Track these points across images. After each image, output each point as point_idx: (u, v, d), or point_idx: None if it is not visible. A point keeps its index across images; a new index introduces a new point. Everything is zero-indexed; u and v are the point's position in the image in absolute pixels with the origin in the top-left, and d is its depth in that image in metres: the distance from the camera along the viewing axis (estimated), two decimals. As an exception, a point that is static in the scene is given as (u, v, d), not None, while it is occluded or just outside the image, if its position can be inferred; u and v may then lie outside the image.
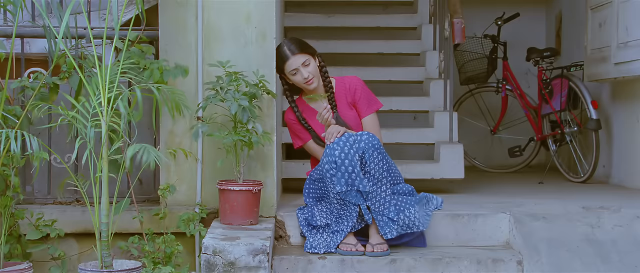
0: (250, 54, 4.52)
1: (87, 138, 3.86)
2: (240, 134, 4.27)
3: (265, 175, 4.55)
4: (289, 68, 4.49)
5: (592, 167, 6.26)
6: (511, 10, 7.42)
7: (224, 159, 4.36)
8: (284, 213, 4.56)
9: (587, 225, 4.47)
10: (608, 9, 5.99)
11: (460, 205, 4.85)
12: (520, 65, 7.76)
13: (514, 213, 4.56)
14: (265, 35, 4.53)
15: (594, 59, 6.29)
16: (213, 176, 4.53)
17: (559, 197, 5.40)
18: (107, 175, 3.87)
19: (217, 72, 4.41)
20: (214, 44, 4.53)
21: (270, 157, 4.55)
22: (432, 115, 6.06)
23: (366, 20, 7.33)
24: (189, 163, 4.55)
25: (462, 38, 5.73)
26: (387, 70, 6.78)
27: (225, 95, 4.29)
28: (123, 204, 4.19)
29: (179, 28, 4.53)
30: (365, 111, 4.62)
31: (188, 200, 4.58)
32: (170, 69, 4.34)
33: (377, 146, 4.30)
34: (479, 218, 4.56)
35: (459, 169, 5.64)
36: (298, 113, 4.63)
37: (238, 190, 4.31)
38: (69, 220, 4.52)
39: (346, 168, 4.19)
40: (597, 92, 6.66)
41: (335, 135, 4.33)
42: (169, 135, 4.57)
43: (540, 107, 6.94)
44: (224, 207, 4.35)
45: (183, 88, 4.46)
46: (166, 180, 4.56)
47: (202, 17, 4.52)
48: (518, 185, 6.32)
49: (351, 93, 4.61)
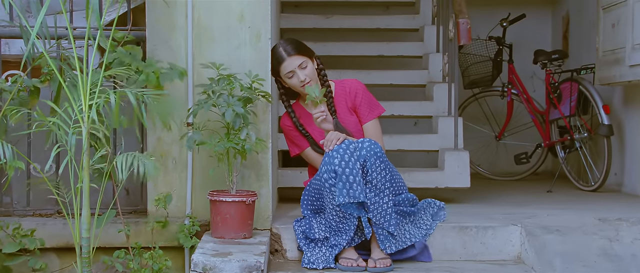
0: (243, 55, 4.37)
1: (67, 146, 3.64)
2: (233, 141, 4.10)
3: (260, 185, 4.39)
4: (285, 70, 4.33)
5: (604, 175, 6.12)
6: (515, 11, 7.35)
7: (216, 168, 4.20)
8: (280, 225, 4.41)
9: (605, 239, 4.31)
10: (622, 9, 5.82)
11: (468, 217, 4.71)
12: (525, 69, 7.67)
13: (526, 225, 4.41)
14: (259, 36, 4.37)
15: (606, 61, 6.12)
16: (204, 186, 4.38)
17: (572, 207, 5.25)
18: (88, 186, 3.66)
19: (209, 74, 4.25)
20: (205, 45, 4.37)
21: (265, 165, 4.39)
22: (435, 120, 5.93)
23: (366, 21, 7.22)
24: (178, 173, 4.39)
25: (468, 39, 5.61)
26: (388, 74, 6.68)
27: (218, 99, 4.12)
28: (105, 217, 3.98)
29: (167, 28, 4.37)
30: (367, 117, 4.48)
31: (177, 212, 4.40)
32: (167, 72, 4.15)
33: (379, 154, 4.14)
34: (488, 230, 4.40)
35: (464, 178, 5.50)
36: (295, 119, 4.48)
37: (230, 201, 4.13)
38: (49, 234, 4.33)
39: (347, 178, 4.02)
40: (608, 96, 6.53)
41: (334, 143, 4.15)
42: (157, 142, 4.40)
43: (548, 112, 6.83)
44: (215, 219, 4.18)
45: (172, 92, 4.30)
46: (154, 190, 4.39)
47: (192, 16, 4.36)
48: (526, 194, 6.19)
49: (351, 97, 4.47)
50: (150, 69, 4.06)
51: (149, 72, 4.04)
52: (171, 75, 4.11)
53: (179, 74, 4.13)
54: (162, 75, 4.09)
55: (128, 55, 4.11)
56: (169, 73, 4.12)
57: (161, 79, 4.08)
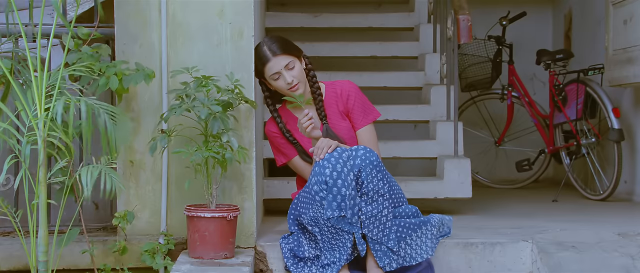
0: (224, 54, 4.09)
1: (21, 157, 3.31)
2: (212, 150, 3.81)
3: (243, 198, 4.11)
4: (270, 71, 4.08)
5: (614, 182, 5.91)
6: (514, 9, 7.20)
7: (193, 180, 3.89)
8: (266, 242, 4.13)
9: (627, 256, 4.02)
10: (635, 3, 5.61)
11: (472, 231, 4.45)
12: (524, 70, 7.54)
13: (537, 241, 4.13)
14: (242, 33, 4.08)
15: (617, 61, 5.91)
16: (181, 200, 4.08)
17: (584, 219, 5.01)
18: (46, 202, 3.34)
19: (186, 78, 3.97)
20: (181, 43, 4.08)
21: (248, 176, 4.10)
22: (433, 125, 5.72)
23: (357, 20, 7.06)
24: (152, 185, 4.08)
25: (469, 37, 5.33)
26: (381, 76, 6.52)
27: (193, 103, 3.83)
28: (66, 237, 3.61)
29: (139, 24, 4.06)
30: (361, 122, 4.23)
31: (151, 229, 4.09)
32: (131, 74, 3.82)
33: (376, 163, 3.89)
34: (496, 247, 4.13)
35: (466, 187, 5.27)
36: (281, 124, 4.20)
37: (209, 217, 3.84)
38: (4, 256, 3.99)
39: (339, 190, 3.77)
40: (617, 99, 6.36)
41: (325, 150, 3.89)
42: (127, 151, 4.08)
43: (552, 115, 6.64)
44: (193, 237, 3.87)
45: (145, 95, 4.03)
46: (125, 204, 4.07)
47: (167, 11, 4.06)
48: (530, 204, 6.00)
49: (343, 100, 4.22)
50: (112, 71, 3.72)
51: (111, 74, 3.70)
52: (136, 78, 3.78)
53: (146, 76, 3.80)
54: (125, 77, 3.76)
55: (92, 55, 3.80)
56: (134, 75, 3.79)
57: (124, 82, 3.75)
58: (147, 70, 3.84)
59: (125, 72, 3.81)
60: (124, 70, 3.82)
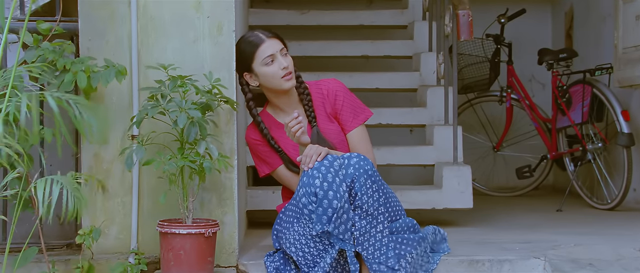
0: (202, 51, 3.81)
1: None
2: (188, 158, 3.52)
3: (223, 212, 3.83)
4: (264, 54, 3.80)
5: (623, 190, 5.67)
6: (512, 6, 6.99)
7: (168, 192, 3.58)
8: (249, 261, 3.87)
9: None
10: None
11: (475, 246, 4.17)
12: (523, 71, 7.37)
13: (550, 259, 3.84)
14: (221, 28, 3.80)
15: (628, 60, 5.66)
16: (154, 213, 3.80)
17: (597, 231, 4.71)
18: None
19: (158, 75, 3.66)
20: (153, 39, 3.80)
21: (229, 187, 3.82)
22: (430, 129, 5.45)
23: (347, 17, 6.88)
24: (121, 197, 3.78)
25: (470, 34, 5.06)
26: (373, 76, 6.31)
27: (168, 105, 3.52)
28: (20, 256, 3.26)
29: (105, 18, 3.77)
30: (351, 123, 3.96)
31: (121, 246, 3.80)
32: (101, 71, 3.52)
33: (370, 172, 3.62)
34: (504, 265, 3.84)
35: (466, 197, 5.00)
36: (265, 130, 3.90)
37: (185, 233, 3.54)
38: None
39: (330, 203, 3.49)
40: (626, 101, 6.14)
41: (314, 159, 3.62)
42: (94, 160, 3.77)
43: (555, 119, 6.41)
44: (166, 256, 3.56)
45: (113, 97, 3.74)
46: (91, 220, 3.75)
47: (137, 3, 3.78)
48: (534, 214, 5.75)
49: (330, 101, 3.96)
50: (79, 67, 3.40)
51: (78, 70, 3.39)
52: (107, 75, 3.47)
53: (117, 73, 3.48)
54: (94, 74, 3.45)
55: (53, 51, 3.49)
56: (104, 73, 3.49)
57: (93, 80, 3.45)
58: (118, 66, 3.56)
59: (93, 69, 3.52)
60: (92, 66, 3.53)
